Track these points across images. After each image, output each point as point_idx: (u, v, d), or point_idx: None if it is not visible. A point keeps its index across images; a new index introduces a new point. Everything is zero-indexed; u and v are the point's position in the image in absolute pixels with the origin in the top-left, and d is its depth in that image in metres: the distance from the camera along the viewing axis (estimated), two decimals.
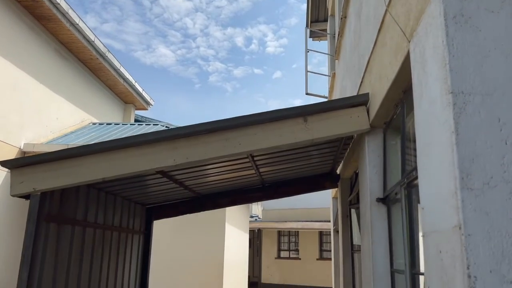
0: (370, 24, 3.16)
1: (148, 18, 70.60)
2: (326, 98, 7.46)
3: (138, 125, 11.17)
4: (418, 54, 1.87)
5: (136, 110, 14.03)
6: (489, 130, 1.45)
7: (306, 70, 7.02)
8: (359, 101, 3.24)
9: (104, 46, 10.18)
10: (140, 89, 12.79)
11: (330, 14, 7.64)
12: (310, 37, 9.69)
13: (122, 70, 11.31)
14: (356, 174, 4.94)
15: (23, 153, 8.60)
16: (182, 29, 72.50)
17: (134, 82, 12.25)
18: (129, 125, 11.03)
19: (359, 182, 3.80)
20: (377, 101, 2.92)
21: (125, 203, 5.21)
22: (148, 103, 13.88)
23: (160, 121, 13.70)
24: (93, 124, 11.21)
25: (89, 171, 3.26)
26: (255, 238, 18.74)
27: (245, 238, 14.26)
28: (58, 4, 7.95)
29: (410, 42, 2.01)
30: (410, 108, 2.46)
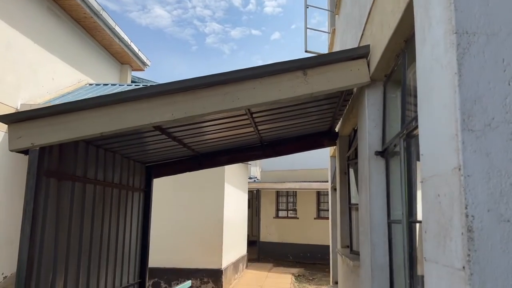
0: None
1: None
2: None
3: (135, 85, 11.06)
4: None
5: (132, 71, 13.86)
6: (492, 71, 1.42)
7: (305, 27, 6.87)
8: (360, 53, 3.18)
9: (98, 4, 9.91)
10: (136, 49, 12.58)
11: None
12: None
13: (117, 29, 11.07)
14: (354, 131, 4.94)
15: None
16: None
17: (129, 41, 12.03)
18: (125, 85, 10.92)
19: (358, 136, 3.80)
20: (378, 52, 2.87)
21: (124, 161, 5.22)
22: (144, 64, 13.69)
23: (156, 82, 13.56)
24: (89, 85, 11.09)
25: (87, 126, 3.24)
26: (254, 198, 19.00)
27: (244, 198, 14.46)
28: None
29: None
30: (412, 58, 2.43)
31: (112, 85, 10.81)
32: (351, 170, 5.32)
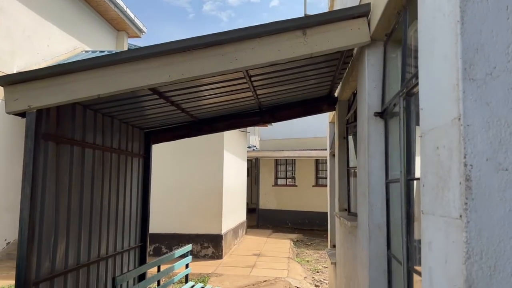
0: None
1: None
2: None
3: None
4: None
5: (129, 38, 13.64)
6: (495, 19, 1.39)
7: None
8: (360, 12, 3.11)
9: None
10: (132, 15, 12.34)
11: None
12: None
13: None
14: (354, 95, 4.90)
15: None
16: None
17: (125, 7, 11.78)
18: None
19: (358, 98, 3.78)
20: (378, 10, 2.81)
21: (123, 126, 5.21)
22: (140, 31, 13.46)
23: None
24: (85, 52, 10.94)
25: (84, 88, 3.20)
26: (253, 167, 19.12)
27: (243, 166, 14.54)
28: None
29: None
30: (413, 16, 2.38)
31: (108, 52, 10.66)
32: (350, 134, 5.32)
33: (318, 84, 5.23)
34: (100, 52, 10.64)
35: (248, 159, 16.95)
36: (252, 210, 19.16)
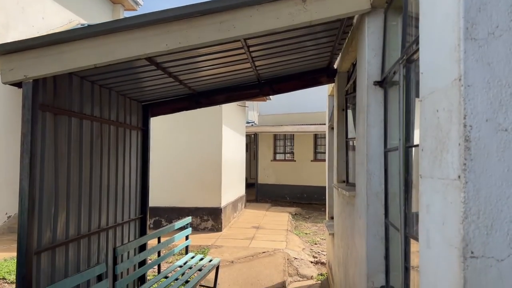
0: None
1: None
2: None
3: None
4: None
5: (125, 11, 13.42)
6: None
7: None
8: None
9: None
10: None
11: None
12: None
13: None
14: (353, 66, 4.86)
15: None
16: None
17: None
18: None
19: (357, 67, 3.74)
20: None
21: (120, 99, 5.17)
22: (137, 3, 13.23)
23: None
24: (81, 25, 10.77)
25: (80, 57, 3.16)
26: (252, 142, 19.14)
27: (242, 141, 14.55)
28: None
29: None
30: None
31: None
32: (349, 106, 5.30)
33: (317, 55, 5.18)
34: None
35: (247, 135, 16.95)
36: (251, 185, 19.30)
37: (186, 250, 6.79)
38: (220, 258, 6.88)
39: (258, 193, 18.01)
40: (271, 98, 15.71)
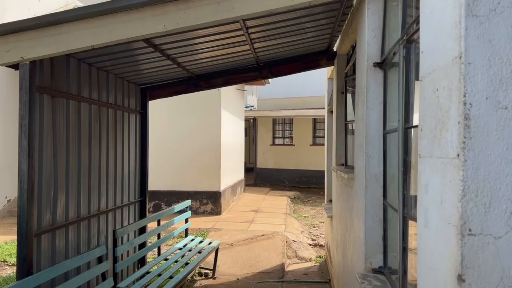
0: None
1: None
2: None
3: None
4: None
5: None
6: None
7: None
8: None
9: None
10: None
11: None
12: None
13: None
14: (353, 48, 4.82)
15: None
16: None
17: None
18: None
19: (357, 48, 3.71)
20: None
21: (118, 81, 5.14)
22: None
23: None
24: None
25: (77, 39, 3.13)
26: (251, 127, 19.11)
27: (241, 125, 14.54)
28: None
29: None
30: None
31: None
32: (349, 90, 5.27)
33: (317, 37, 5.13)
34: None
35: (245, 119, 16.93)
36: (250, 169, 19.35)
37: (186, 233, 6.84)
38: (219, 241, 6.93)
39: (257, 177, 18.06)
40: (270, 82, 15.65)
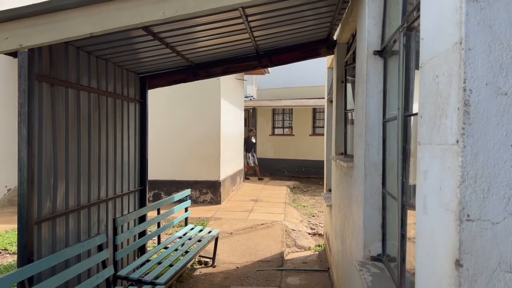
0: None
1: None
2: None
3: None
4: None
5: None
6: None
7: None
8: None
9: None
10: None
11: None
12: None
13: None
14: (353, 37, 4.80)
15: None
16: None
17: None
18: None
19: (357, 37, 3.70)
20: None
21: (117, 70, 5.12)
22: None
23: None
24: None
25: (76, 26, 3.11)
26: (250, 117, 19.08)
27: (240, 115, 14.52)
28: None
29: None
30: None
31: None
32: (348, 79, 5.26)
33: (317, 25, 5.10)
34: None
35: (245, 109, 16.90)
36: None
37: (186, 221, 6.87)
38: (219, 230, 6.97)
39: None
40: (270, 71, 15.60)
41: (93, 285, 3.91)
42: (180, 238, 6.19)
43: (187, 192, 6.94)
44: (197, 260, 6.56)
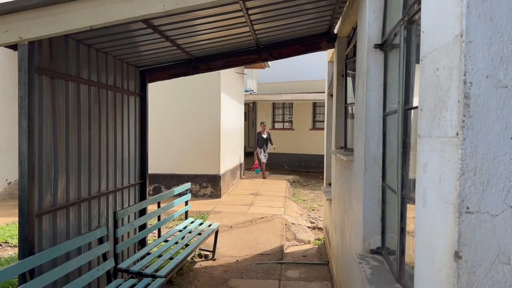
0: None
1: None
2: None
3: None
4: None
5: None
6: None
7: None
8: None
9: None
10: None
11: None
12: None
13: None
14: (354, 31, 4.78)
15: None
16: None
17: None
18: None
19: (358, 30, 3.69)
20: None
21: (117, 63, 5.11)
22: None
23: None
24: None
25: (76, 19, 3.10)
26: (251, 111, 19.07)
27: (240, 109, 14.51)
28: None
29: None
30: None
31: None
32: (349, 73, 5.25)
33: (317, 19, 5.09)
34: None
35: (245, 103, 16.87)
36: (249, 153, 19.36)
37: (186, 215, 6.89)
38: (219, 223, 6.99)
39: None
40: (270, 65, 15.57)
41: (93, 277, 3.93)
42: (180, 231, 6.21)
43: (187, 185, 6.95)
44: (197, 253, 6.59)
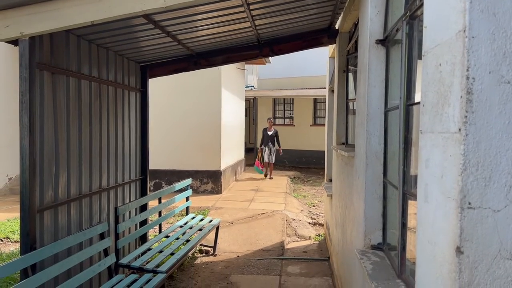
0: None
1: None
2: None
3: None
4: None
5: None
6: None
7: None
8: None
9: None
10: None
11: None
12: None
13: None
14: (355, 26, 4.77)
15: None
16: None
17: None
18: None
19: (359, 26, 3.68)
20: None
21: (118, 59, 5.10)
22: None
23: None
24: None
25: (77, 14, 3.09)
26: (251, 107, 19.05)
27: (241, 105, 14.49)
28: None
29: None
30: None
31: None
32: (350, 69, 5.24)
33: (319, 14, 5.07)
34: None
35: (246, 99, 16.85)
36: (250, 149, 19.37)
37: (187, 211, 6.90)
38: (220, 219, 7.00)
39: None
40: (271, 61, 15.54)
41: (95, 273, 3.94)
42: (181, 227, 6.23)
43: (188, 181, 6.96)
44: (198, 249, 6.60)
